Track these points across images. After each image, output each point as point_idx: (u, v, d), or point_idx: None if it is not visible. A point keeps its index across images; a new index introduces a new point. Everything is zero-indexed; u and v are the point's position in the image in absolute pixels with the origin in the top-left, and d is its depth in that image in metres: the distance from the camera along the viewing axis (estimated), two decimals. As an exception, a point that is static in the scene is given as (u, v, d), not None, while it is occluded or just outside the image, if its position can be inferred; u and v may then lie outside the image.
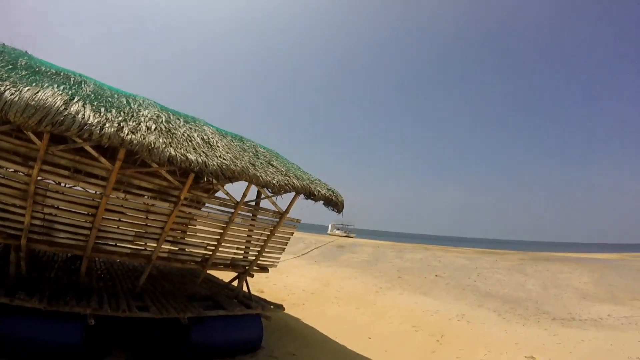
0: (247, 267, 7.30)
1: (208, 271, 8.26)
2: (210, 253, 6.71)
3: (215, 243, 6.65)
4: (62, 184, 5.76)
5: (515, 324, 10.38)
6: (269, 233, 7.10)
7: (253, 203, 7.41)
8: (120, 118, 5.12)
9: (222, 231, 6.57)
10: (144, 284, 6.89)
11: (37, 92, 4.52)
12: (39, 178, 5.08)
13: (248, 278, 7.48)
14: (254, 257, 7.24)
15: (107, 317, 5.45)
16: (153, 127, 5.41)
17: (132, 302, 5.91)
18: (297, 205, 7.11)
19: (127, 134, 4.83)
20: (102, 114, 4.92)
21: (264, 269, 7.67)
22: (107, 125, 4.74)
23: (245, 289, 7.54)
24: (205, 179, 5.82)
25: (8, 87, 4.40)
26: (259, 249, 7.20)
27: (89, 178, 5.42)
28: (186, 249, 6.83)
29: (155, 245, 6.13)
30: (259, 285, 12.12)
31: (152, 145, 4.93)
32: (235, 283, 7.68)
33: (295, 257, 18.91)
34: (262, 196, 7.16)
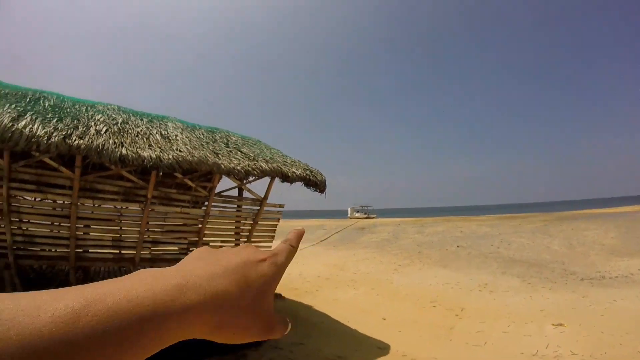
0: None
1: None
2: (194, 249, 6.60)
3: (197, 239, 6.61)
4: (34, 199, 5.87)
5: (541, 288, 9.93)
6: (252, 222, 7.00)
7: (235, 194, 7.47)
8: (71, 126, 5.15)
9: (200, 225, 6.53)
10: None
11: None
12: (10, 196, 5.20)
13: None
14: None
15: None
16: (104, 129, 5.42)
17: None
18: (279, 190, 6.93)
19: (75, 140, 4.85)
20: (51, 125, 4.97)
21: None
22: (55, 134, 4.78)
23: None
24: (160, 174, 5.92)
25: None
26: (245, 239, 7.10)
27: (55, 189, 5.51)
28: (169, 248, 6.84)
29: (135, 247, 6.17)
30: None
31: (101, 147, 4.94)
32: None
33: (314, 245, 18.61)
34: (235, 184, 7.16)
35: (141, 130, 5.93)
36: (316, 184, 6.98)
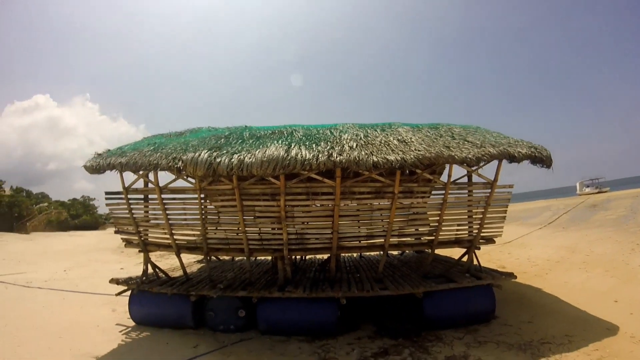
0: (471, 241, 7.77)
1: (439, 252, 9.14)
2: (435, 234, 7.48)
3: (437, 224, 7.38)
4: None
5: None
6: (485, 204, 7.45)
7: (465, 180, 8.28)
8: (328, 147, 6.56)
9: (439, 212, 7.29)
10: (385, 271, 8.30)
11: (265, 151, 6.38)
12: (285, 206, 6.89)
13: (490, 256, 7.86)
14: (476, 231, 7.68)
15: (356, 298, 6.96)
16: (354, 145, 6.69)
17: (374, 285, 7.28)
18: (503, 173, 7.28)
19: (336, 157, 6.22)
20: (314, 149, 6.48)
21: (489, 240, 7.99)
22: (320, 155, 6.26)
23: (475, 262, 8.00)
24: (409, 171, 7.20)
25: (244, 154, 6.34)
26: (479, 221, 7.60)
27: (321, 196, 7.04)
28: (413, 234, 7.78)
29: (385, 235, 7.30)
30: (500, 261, 12.19)
31: (358, 159, 6.21)
32: (464, 259, 8.17)
33: (541, 228, 17.61)
34: (467, 172, 8.03)
35: (381, 140, 7.06)
36: (542, 160, 7.09)
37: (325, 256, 9.98)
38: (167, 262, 13.72)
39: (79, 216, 49.37)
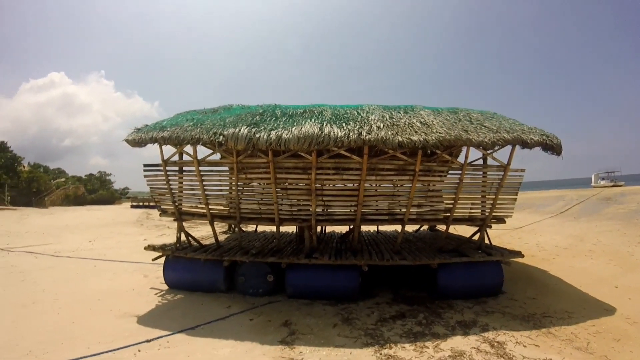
0: (484, 220, 8.24)
1: (452, 230, 9.65)
2: (450, 210, 7.98)
3: (453, 201, 7.89)
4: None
5: None
6: (498, 186, 7.90)
7: (480, 163, 8.75)
8: (357, 127, 7.12)
9: (456, 190, 7.80)
10: (401, 245, 8.88)
11: (301, 128, 6.97)
12: (316, 179, 7.49)
13: (501, 240, 8.28)
14: (488, 210, 8.12)
15: (374, 268, 7.65)
16: (381, 125, 7.23)
17: (393, 255, 7.96)
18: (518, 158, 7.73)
19: (365, 136, 6.80)
20: (344, 128, 7.05)
21: (500, 220, 8.43)
22: (351, 134, 6.85)
23: (486, 240, 8.50)
24: (430, 152, 7.64)
25: (282, 131, 6.96)
26: (492, 201, 8.03)
27: (349, 171, 7.59)
28: (430, 210, 8.27)
29: (405, 210, 7.86)
30: (510, 245, 12.47)
31: (385, 138, 6.78)
32: (476, 237, 8.68)
33: (553, 216, 17.93)
34: (482, 154, 8.46)
35: (405, 121, 7.56)
36: (553, 147, 7.52)
37: (344, 230, 10.67)
38: (193, 233, 14.33)
39: (95, 191, 50.52)
